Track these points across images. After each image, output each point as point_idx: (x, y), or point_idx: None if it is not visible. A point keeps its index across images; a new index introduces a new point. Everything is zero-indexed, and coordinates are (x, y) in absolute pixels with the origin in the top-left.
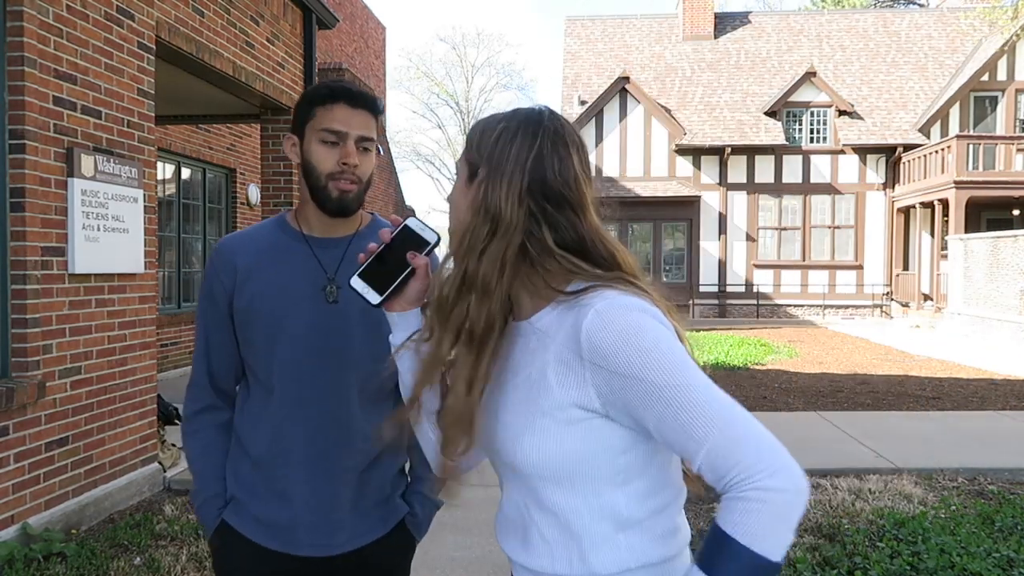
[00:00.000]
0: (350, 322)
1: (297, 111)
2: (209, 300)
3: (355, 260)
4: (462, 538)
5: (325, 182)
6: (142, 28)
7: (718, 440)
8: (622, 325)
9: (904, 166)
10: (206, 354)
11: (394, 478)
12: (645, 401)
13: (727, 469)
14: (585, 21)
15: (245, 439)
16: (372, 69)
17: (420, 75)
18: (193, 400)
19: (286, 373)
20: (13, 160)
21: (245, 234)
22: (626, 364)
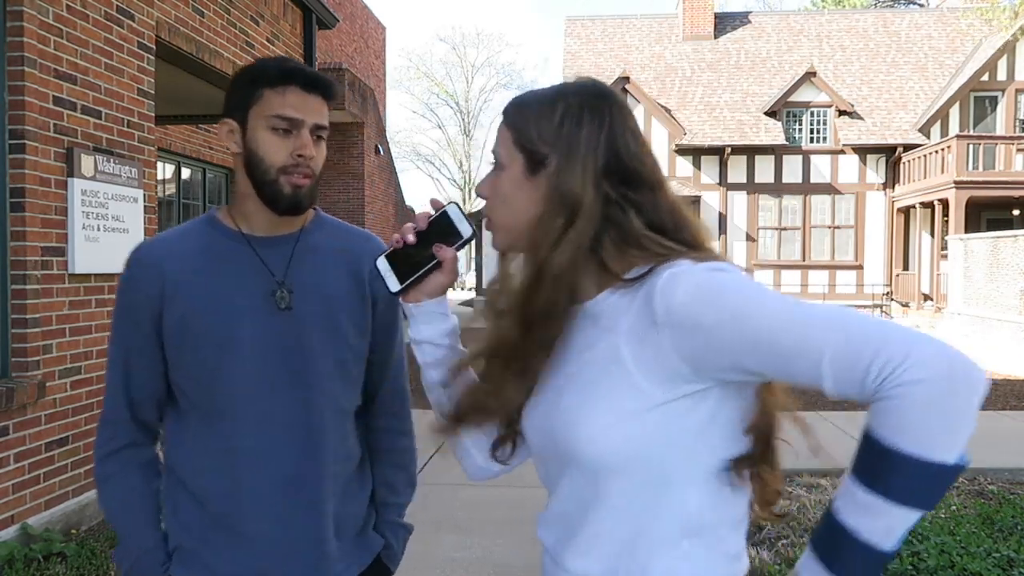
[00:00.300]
0: (308, 329)
1: (238, 91)
2: (127, 319)
3: (304, 260)
4: (462, 538)
5: (276, 176)
6: (142, 28)
7: (837, 349)
8: (697, 278)
9: (904, 166)
10: (124, 383)
11: (368, 503)
12: (739, 342)
13: (861, 377)
14: (585, 21)
15: (187, 476)
16: (372, 69)
17: (420, 75)
18: (108, 439)
19: (239, 396)
20: (13, 160)
21: (168, 237)
22: (707, 311)
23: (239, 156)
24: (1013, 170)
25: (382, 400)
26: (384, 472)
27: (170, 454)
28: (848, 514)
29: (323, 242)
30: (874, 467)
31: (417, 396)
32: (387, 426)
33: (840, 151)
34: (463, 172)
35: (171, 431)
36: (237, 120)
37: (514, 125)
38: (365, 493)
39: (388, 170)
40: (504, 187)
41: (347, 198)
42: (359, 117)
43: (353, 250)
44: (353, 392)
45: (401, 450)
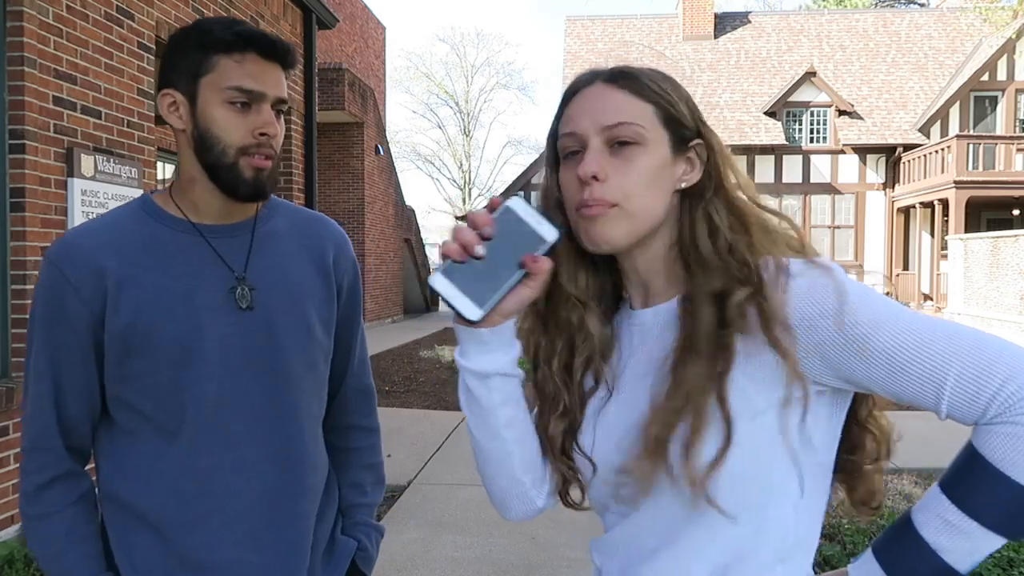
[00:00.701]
0: (275, 330)
1: (183, 57)
2: (55, 327)
3: (264, 251)
4: (462, 538)
5: (235, 158)
6: (142, 28)
7: (960, 374)
8: (822, 279)
9: (904, 166)
10: (54, 403)
11: (337, 511)
12: (860, 354)
13: (984, 405)
14: (585, 21)
15: (138, 503)
16: (372, 69)
17: (420, 75)
18: (38, 470)
19: (202, 410)
20: (13, 160)
21: (98, 228)
22: (836, 317)
23: (184, 134)
24: (1013, 170)
25: (347, 397)
26: (352, 473)
27: (111, 482)
28: (933, 531)
29: (282, 228)
30: (979, 491)
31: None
32: (355, 423)
33: (840, 151)
34: (463, 172)
35: (108, 454)
36: (182, 92)
37: (655, 97)
38: (334, 504)
39: (388, 170)
40: (647, 167)
41: (347, 198)
42: (359, 117)
43: (315, 235)
44: (323, 395)
45: (369, 448)
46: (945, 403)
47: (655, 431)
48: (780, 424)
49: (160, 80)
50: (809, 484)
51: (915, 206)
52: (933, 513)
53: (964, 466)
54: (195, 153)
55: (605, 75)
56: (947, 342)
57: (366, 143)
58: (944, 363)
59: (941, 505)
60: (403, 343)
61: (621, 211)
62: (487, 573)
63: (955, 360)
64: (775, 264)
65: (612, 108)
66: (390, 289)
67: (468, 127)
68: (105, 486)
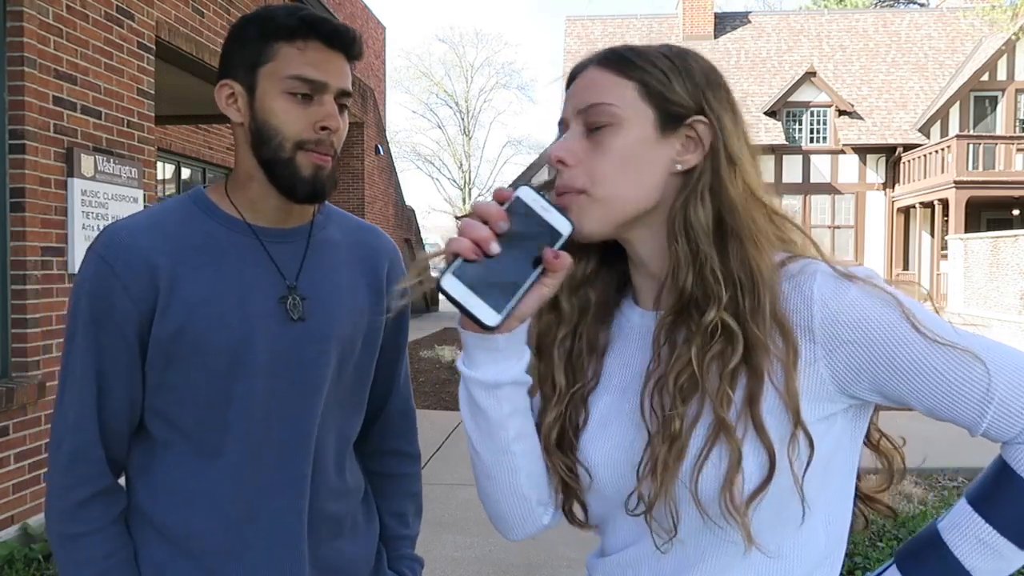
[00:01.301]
0: (325, 345)
1: (242, 46)
2: (102, 327)
3: (318, 260)
4: (462, 538)
5: (292, 153)
6: (142, 28)
7: (1005, 396)
8: (862, 288)
9: (904, 166)
10: (96, 410)
11: (379, 546)
12: (902, 370)
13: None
14: (585, 21)
15: (176, 527)
16: (372, 69)
17: (419, 75)
18: (78, 484)
19: (249, 426)
20: (13, 160)
21: (151, 221)
22: (876, 329)
23: (242, 127)
24: (1013, 170)
25: (389, 421)
26: (393, 502)
27: (144, 502)
28: (967, 551)
29: (337, 237)
30: (1013, 509)
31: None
32: (396, 449)
33: (840, 151)
34: (463, 172)
35: (141, 470)
36: (241, 83)
37: (641, 74)
38: (373, 530)
39: (388, 170)
40: (620, 148)
41: (347, 198)
42: (359, 117)
43: (369, 247)
44: (360, 417)
45: (411, 476)
46: (985, 423)
47: (664, 458)
48: (815, 438)
49: (219, 72)
50: (833, 504)
51: (915, 206)
52: (966, 532)
53: (997, 483)
54: (252, 147)
55: (597, 58)
56: (992, 362)
57: (366, 143)
58: (988, 382)
59: (974, 523)
60: None
61: (589, 198)
62: (487, 573)
63: (1002, 380)
64: (800, 268)
65: (590, 90)
66: None
67: (468, 127)
68: (137, 508)
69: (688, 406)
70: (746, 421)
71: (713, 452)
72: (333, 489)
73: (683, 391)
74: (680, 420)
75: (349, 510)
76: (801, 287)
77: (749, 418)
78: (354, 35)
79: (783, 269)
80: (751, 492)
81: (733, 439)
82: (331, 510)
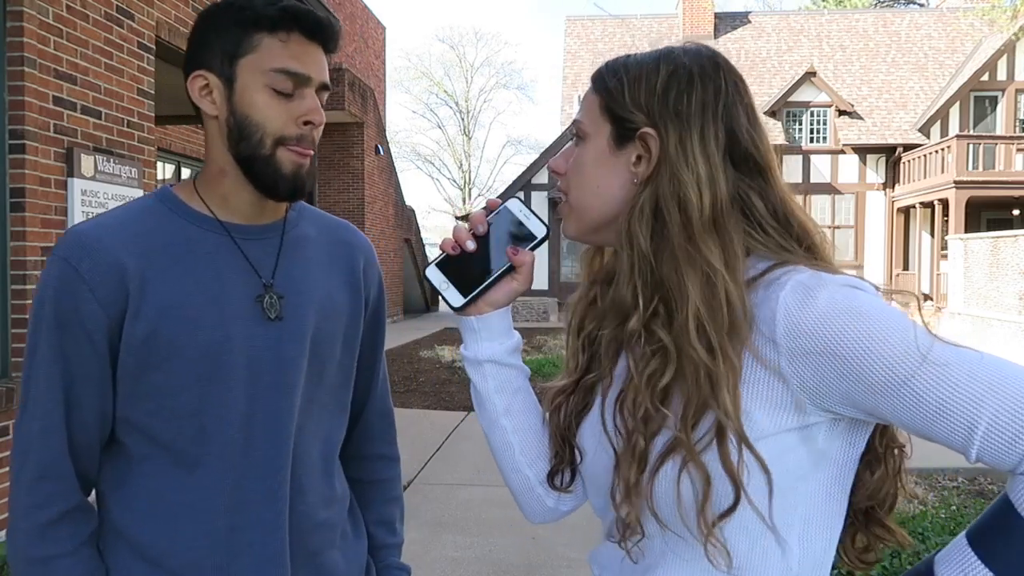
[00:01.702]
0: (304, 345)
1: (214, 35)
2: (67, 333)
3: (293, 257)
4: (462, 538)
5: (273, 149)
6: (142, 28)
7: (995, 417)
8: (834, 294)
9: (904, 166)
10: (66, 423)
11: (368, 558)
12: (875, 386)
13: (1023, 448)
14: (585, 21)
15: (154, 544)
16: (372, 69)
17: (419, 75)
18: (45, 504)
19: (224, 434)
20: (13, 160)
21: (116, 221)
22: (840, 341)
23: (216, 121)
24: (1013, 170)
25: (368, 424)
26: (379, 509)
27: (119, 520)
28: None
29: (311, 234)
30: (1011, 549)
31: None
32: (377, 453)
33: (840, 151)
34: (463, 172)
35: (114, 485)
36: (217, 74)
37: (604, 89)
38: (362, 541)
39: (388, 170)
40: (584, 161)
41: (347, 198)
42: (359, 117)
43: (344, 243)
44: (345, 420)
45: (394, 480)
46: (976, 447)
47: (634, 479)
48: (777, 447)
49: (189, 60)
50: (809, 524)
51: (915, 206)
52: (956, 566)
53: (996, 520)
54: (228, 142)
55: None
56: (980, 380)
57: (366, 143)
58: (976, 404)
59: (965, 558)
60: (403, 343)
61: (567, 204)
62: (487, 573)
63: (989, 401)
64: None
65: (581, 106)
66: (390, 289)
67: (468, 127)
68: (110, 525)
69: (648, 424)
70: (696, 437)
71: (668, 469)
72: (322, 496)
73: (638, 410)
74: (642, 438)
75: (340, 518)
76: (770, 296)
77: (702, 435)
78: (336, 28)
79: (762, 278)
80: (718, 514)
81: (694, 455)
82: (322, 517)
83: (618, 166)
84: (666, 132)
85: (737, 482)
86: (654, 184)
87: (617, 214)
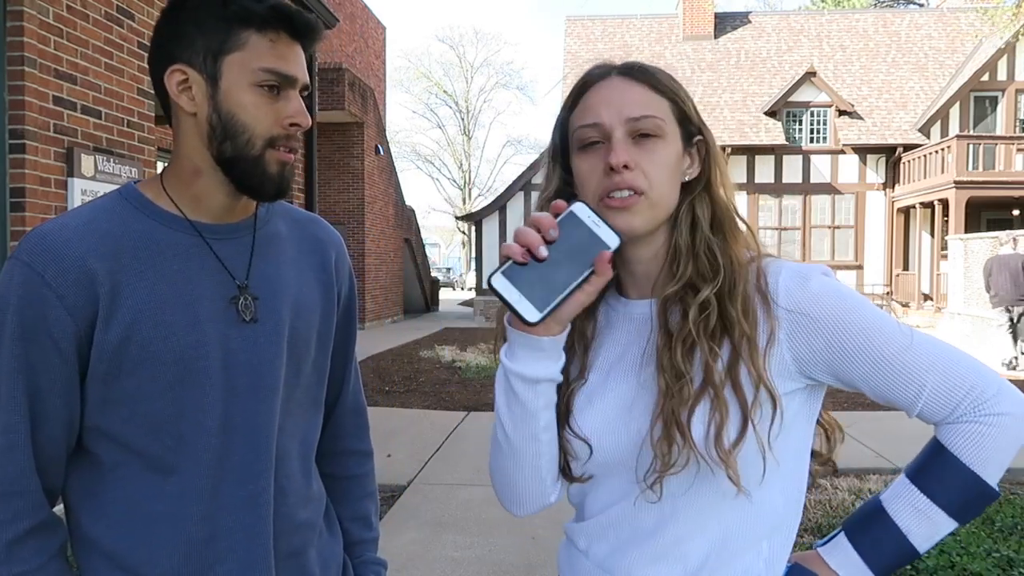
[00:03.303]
0: (280, 346)
1: (194, 28)
2: (32, 343)
3: (266, 256)
4: (462, 538)
5: (262, 150)
6: (142, 28)
7: (938, 381)
8: (820, 281)
9: (904, 166)
10: (30, 437)
11: (343, 554)
12: (855, 355)
13: (953, 406)
14: (585, 21)
15: (124, 550)
16: (372, 69)
17: (420, 75)
18: (12, 520)
19: (200, 439)
20: (13, 160)
21: (81, 221)
22: (833, 317)
23: (192, 119)
24: (1013, 170)
25: (342, 420)
26: (354, 504)
27: (91, 531)
28: (904, 517)
29: (283, 231)
30: (944, 481)
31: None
32: (351, 448)
33: (840, 151)
34: (463, 172)
35: (84, 496)
36: (198, 70)
37: (671, 92)
38: (338, 537)
39: (388, 170)
40: (668, 160)
41: (347, 198)
42: (359, 117)
43: (315, 239)
44: (320, 418)
45: (367, 474)
46: (920, 405)
47: (671, 415)
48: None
49: (161, 52)
50: (792, 471)
51: (915, 206)
52: (904, 501)
53: (931, 460)
54: (208, 141)
55: (620, 68)
56: (930, 353)
57: (366, 143)
58: (926, 371)
59: (911, 494)
60: (403, 343)
61: (647, 199)
62: (487, 573)
63: (935, 369)
64: (767, 263)
65: (635, 101)
66: (390, 289)
67: (468, 127)
68: (83, 535)
69: (691, 366)
70: (724, 381)
71: (702, 404)
72: (302, 496)
73: (687, 353)
74: (687, 377)
75: (318, 517)
76: (768, 281)
77: (728, 379)
78: (316, 26)
79: (752, 264)
80: (732, 441)
81: (720, 394)
82: (301, 518)
83: (682, 167)
84: (708, 138)
85: (754, 423)
86: (707, 180)
87: (675, 208)
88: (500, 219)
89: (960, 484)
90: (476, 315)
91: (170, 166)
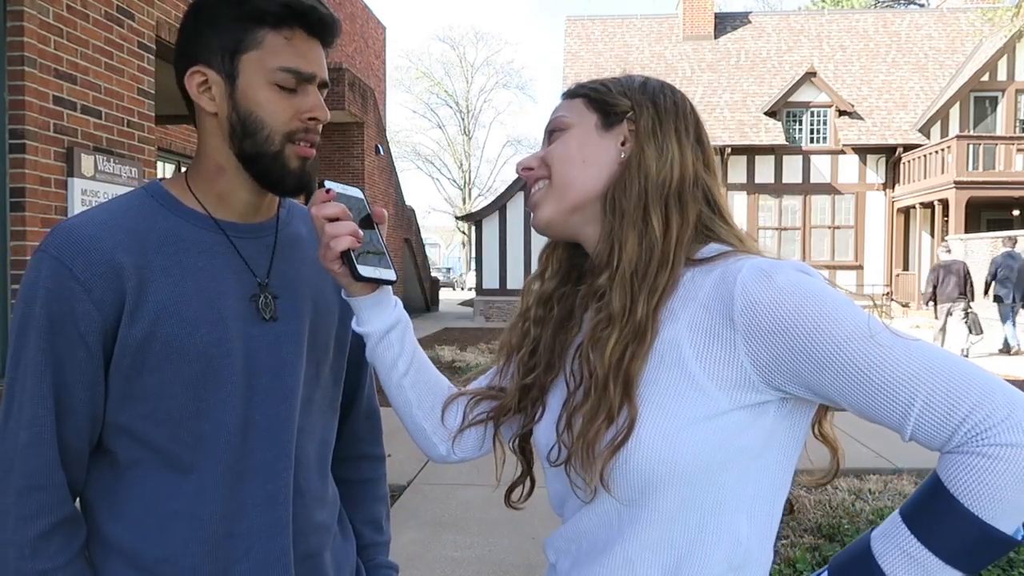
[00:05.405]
0: (300, 346)
1: (211, 30)
2: (59, 335)
3: (287, 256)
4: (462, 538)
5: (281, 145)
6: (142, 28)
7: (930, 397)
8: (789, 277)
9: (904, 166)
10: (55, 431)
11: (356, 556)
12: (824, 364)
13: (952, 429)
14: (585, 21)
15: (142, 549)
16: (372, 69)
17: (420, 75)
18: (37, 515)
19: (220, 437)
20: (13, 160)
21: (109, 217)
22: (795, 320)
23: (215, 118)
24: (1013, 170)
25: (356, 424)
26: (366, 508)
27: (108, 529)
28: (891, 562)
29: (303, 232)
30: (940, 525)
31: None
32: (365, 453)
33: (840, 151)
34: (463, 172)
35: (102, 493)
36: (217, 70)
37: (586, 89)
38: (351, 540)
39: (388, 170)
40: (568, 143)
41: None
42: (359, 117)
43: None
44: (336, 420)
45: (380, 479)
46: (911, 425)
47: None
48: (733, 424)
49: (183, 55)
50: (760, 498)
51: (915, 206)
52: (893, 543)
53: (927, 497)
54: (229, 139)
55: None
56: (919, 362)
57: (366, 143)
58: (914, 384)
59: (901, 536)
60: None
61: (549, 184)
62: (487, 573)
63: (925, 382)
64: (734, 260)
65: (555, 115)
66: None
67: (468, 127)
68: (99, 534)
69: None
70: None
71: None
72: (318, 497)
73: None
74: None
75: (333, 519)
76: (727, 278)
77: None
78: (338, 24)
79: (716, 260)
80: (609, 445)
81: (602, 391)
82: (318, 519)
83: (605, 143)
84: (646, 114)
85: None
86: (637, 158)
87: (601, 190)
88: (500, 219)
89: (956, 528)
90: (476, 315)
91: (194, 165)
